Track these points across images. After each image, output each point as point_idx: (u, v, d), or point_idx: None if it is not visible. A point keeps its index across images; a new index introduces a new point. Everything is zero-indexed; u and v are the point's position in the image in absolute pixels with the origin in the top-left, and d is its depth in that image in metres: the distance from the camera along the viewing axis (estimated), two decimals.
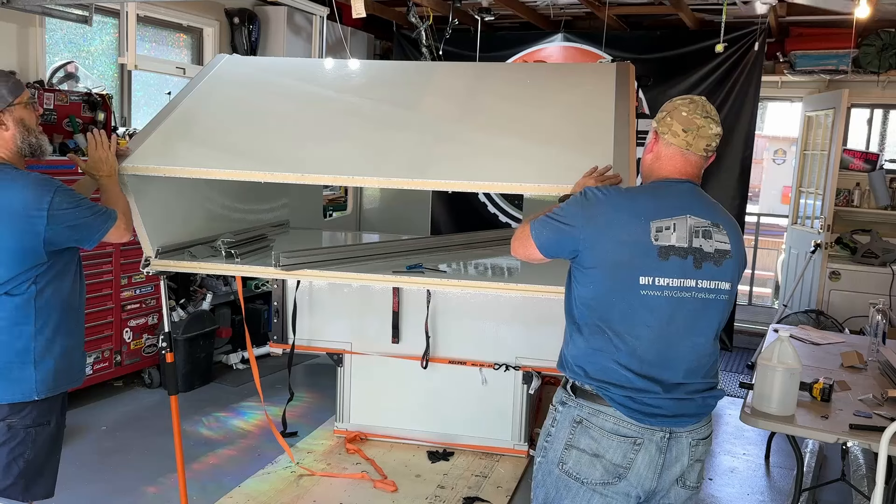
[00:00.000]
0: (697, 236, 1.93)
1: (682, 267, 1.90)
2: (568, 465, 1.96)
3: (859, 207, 6.37)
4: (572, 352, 2.01)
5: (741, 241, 2.02)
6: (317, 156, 2.73)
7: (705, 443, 2.02)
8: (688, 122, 1.96)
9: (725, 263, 1.94)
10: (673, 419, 1.93)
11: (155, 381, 4.93)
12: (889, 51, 5.94)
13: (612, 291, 1.92)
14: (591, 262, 1.93)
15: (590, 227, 1.93)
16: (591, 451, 1.94)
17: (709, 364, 1.99)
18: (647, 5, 5.86)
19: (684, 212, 1.94)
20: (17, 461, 2.30)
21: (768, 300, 8.13)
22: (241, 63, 3.47)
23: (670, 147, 1.99)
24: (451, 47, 6.17)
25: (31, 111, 2.29)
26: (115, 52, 5.16)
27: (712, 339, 1.98)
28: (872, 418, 2.80)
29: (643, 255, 1.89)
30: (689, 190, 2.00)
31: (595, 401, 1.94)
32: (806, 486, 3.53)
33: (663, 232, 1.90)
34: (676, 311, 1.91)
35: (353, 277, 2.86)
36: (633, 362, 1.91)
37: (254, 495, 3.52)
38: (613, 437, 1.92)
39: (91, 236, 2.29)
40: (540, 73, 3.59)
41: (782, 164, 10.33)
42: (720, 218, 1.99)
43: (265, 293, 5.74)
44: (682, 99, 2.01)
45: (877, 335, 3.62)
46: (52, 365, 2.31)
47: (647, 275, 1.89)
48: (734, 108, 5.91)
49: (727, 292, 1.97)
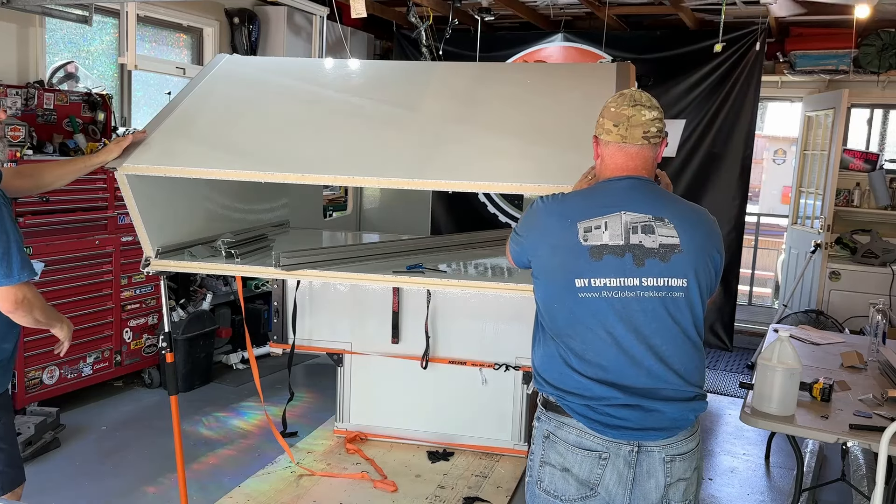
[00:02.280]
0: (635, 232, 1.84)
1: (620, 266, 1.82)
2: (545, 484, 1.92)
3: (859, 207, 6.37)
4: (535, 362, 2.00)
5: (701, 233, 1.89)
6: (317, 156, 2.73)
7: (686, 459, 1.88)
8: (616, 116, 1.90)
9: (675, 259, 1.83)
10: (640, 432, 1.83)
11: (155, 381, 4.93)
12: (889, 51, 5.94)
13: (553, 297, 1.90)
14: (536, 270, 1.94)
15: (533, 237, 1.94)
16: (560, 467, 1.89)
17: (681, 370, 1.86)
18: (647, 5, 5.86)
19: (618, 209, 1.86)
20: None
21: (768, 300, 8.13)
22: (241, 63, 3.47)
23: (609, 146, 1.93)
24: (451, 47, 6.17)
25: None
26: (115, 52, 5.16)
27: (677, 343, 1.86)
28: (872, 418, 2.80)
29: (575, 257, 1.84)
30: (630, 186, 1.90)
31: (559, 413, 1.90)
32: (806, 486, 3.53)
33: (592, 232, 1.84)
34: (623, 313, 1.83)
35: (353, 277, 2.86)
36: (585, 367, 1.85)
37: (254, 495, 3.51)
38: (578, 450, 1.86)
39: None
40: (540, 73, 3.58)
41: (782, 164, 10.33)
42: (667, 212, 1.87)
43: (265, 293, 5.74)
44: (613, 97, 1.96)
45: (877, 335, 3.62)
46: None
47: (581, 277, 1.83)
48: (734, 108, 5.91)
49: (682, 289, 1.84)
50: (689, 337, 1.88)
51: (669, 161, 6.08)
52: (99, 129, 4.68)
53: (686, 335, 1.87)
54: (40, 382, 4.23)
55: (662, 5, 5.69)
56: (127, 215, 3.38)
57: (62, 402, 4.34)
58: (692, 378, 1.89)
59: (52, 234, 4.26)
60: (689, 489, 1.91)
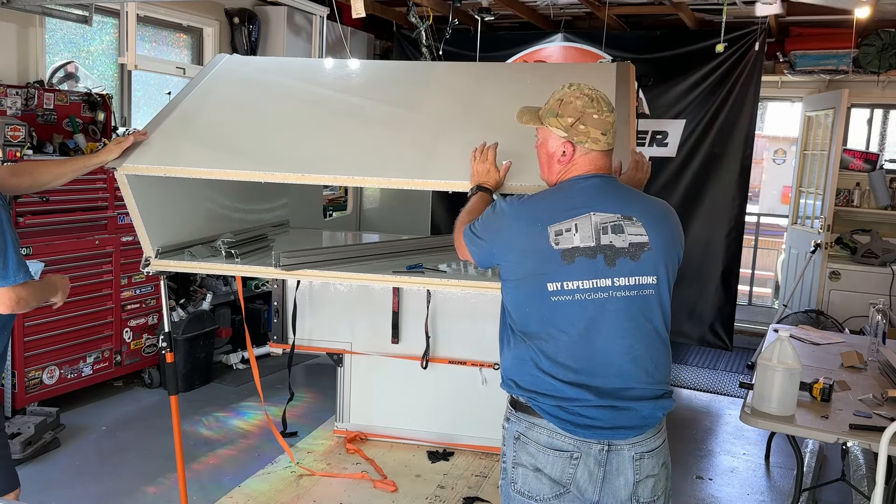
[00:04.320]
0: (606, 233, 1.84)
1: (593, 267, 1.82)
2: (518, 485, 1.92)
3: (859, 207, 6.37)
4: (503, 364, 1.98)
5: (667, 229, 1.91)
6: (317, 156, 2.73)
7: (654, 455, 1.90)
8: (603, 124, 1.90)
9: (644, 257, 1.84)
10: (610, 431, 1.84)
11: (155, 381, 4.93)
12: (889, 51, 5.94)
13: (525, 302, 1.89)
14: (505, 274, 1.93)
15: (499, 241, 1.93)
16: (532, 467, 1.89)
17: (651, 369, 1.87)
18: (647, 5, 5.86)
19: (587, 209, 1.85)
20: None
21: (768, 300, 8.13)
22: (241, 63, 3.46)
23: (591, 153, 1.92)
24: (451, 47, 6.17)
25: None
26: (115, 52, 5.16)
27: (649, 341, 1.87)
28: (872, 418, 2.80)
29: (546, 261, 1.83)
30: (596, 185, 1.91)
31: (529, 413, 1.89)
32: (806, 486, 3.53)
33: (563, 235, 1.83)
34: (596, 314, 1.83)
35: (353, 277, 2.86)
36: (557, 370, 1.85)
37: (254, 495, 3.51)
38: (549, 451, 1.86)
39: None
40: (540, 73, 3.58)
41: (782, 164, 10.33)
42: (634, 209, 1.88)
43: (265, 293, 5.74)
44: (580, 100, 1.91)
45: (877, 335, 3.62)
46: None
47: (554, 281, 1.83)
48: (734, 108, 5.91)
49: (653, 286, 1.86)
50: (660, 334, 1.90)
51: (669, 161, 6.08)
52: (99, 129, 4.68)
53: (657, 332, 1.89)
54: (40, 382, 4.23)
55: (662, 5, 5.69)
56: (127, 215, 3.38)
57: (62, 402, 4.34)
58: (661, 376, 1.91)
59: (52, 234, 4.27)
60: (658, 485, 1.92)
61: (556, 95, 1.97)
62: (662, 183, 6.12)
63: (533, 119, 2.03)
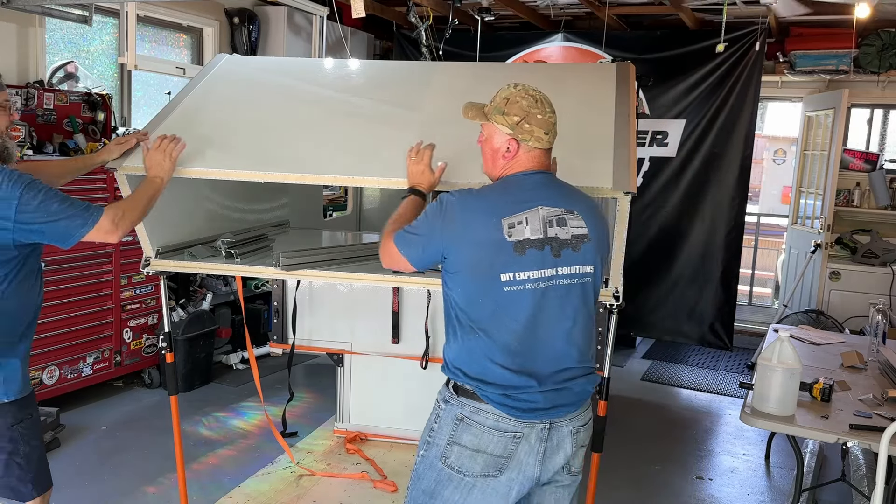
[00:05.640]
0: (552, 225, 1.96)
1: (541, 258, 1.94)
2: (450, 460, 2.00)
3: (859, 207, 6.37)
4: (450, 354, 2.04)
5: (600, 222, 2.06)
6: (317, 156, 2.73)
7: (587, 428, 2.07)
8: (546, 124, 2.00)
9: (584, 247, 1.99)
10: (551, 411, 1.97)
11: (155, 381, 4.93)
12: (889, 51, 5.94)
13: (477, 293, 1.95)
14: (454, 266, 1.97)
15: (448, 233, 1.97)
16: (472, 447, 1.97)
17: (582, 348, 2.02)
18: (647, 5, 5.86)
19: (535, 203, 1.97)
20: (14, 458, 2.28)
21: (768, 300, 8.13)
22: (241, 63, 3.46)
23: (533, 150, 2.02)
24: (451, 47, 6.17)
25: (4, 113, 2.24)
26: (115, 52, 5.16)
27: (583, 323, 2.02)
28: (872, 418, 2.80)
29: (500, 252, 1.92)
30: (540, 181, 2.02)
31: (475, 399, 1.97)
32: (806, 486, 3.53)
33: (516, 227, 1.93)
34: (542, 302, 1.95)
35: (353, 277, 2.86)
36: (506, 359, 1.94)
37: (254, 495, 3.52)
38: (494, 432, 1.95)
39: (62, 238, 2.19)
40: (540, 73, 3.58)
41: (782, 164, 10.33)
42: (575, 204, 2.02)
43: (265, 293, 5.74)
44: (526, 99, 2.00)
45: (877, 335, 3.62)
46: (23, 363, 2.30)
47: (507, 271, 1.92)
48: (734, 108, 5.91)
49: (590, 275, 2.01)
50: (591, 316, 2.06)
51: (669, 161, 6.08)
52: (99, 130, 4.68)
53: (590, 316, 2.05)
54: (40, 382, 4.23)
55: (663, 5, 5.69)
56: None
57: (62, 402, 4.34)
58: (589, 353, 2.07)
59: None
60: (584, 457, 2.10)
61: (502, 94, 2.05)
62: (662, 183, 6.12)
63: (479, 115, 2.10)
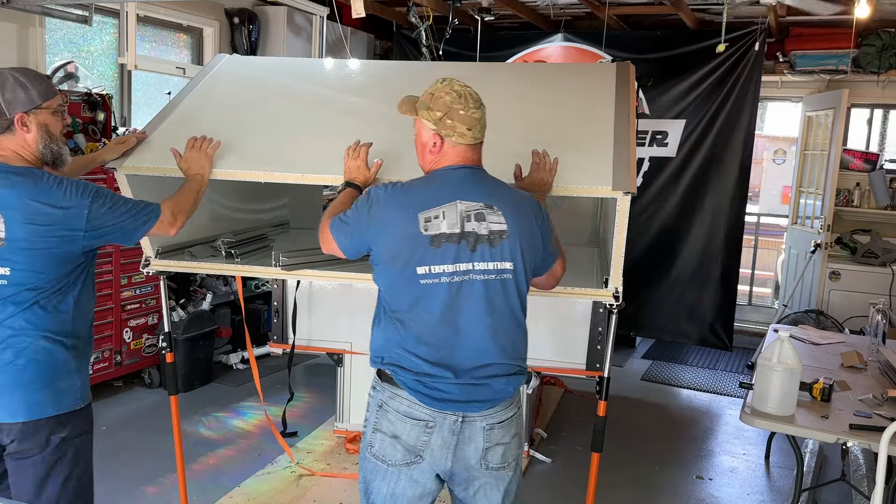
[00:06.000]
0: (469, 220, 1.98)
1: (457, 252, 1.97)
2: (375, 448, 2.06)
3: (859, 207, 6.37)
4: (372, 343, 2.11)
5: (525, 219, 2.04)
6: (317, 156, 2.73)
7: (504, 426, 2.06)
8: (469, 120, 2.03)
9: (502, 244, 1.99)
10: (465, 404, 2.00)
11: (155, 381, 4.93)
12: (889, 51, 5.94)
13: (396, 284, 2.02)
14: (377, 258, 2.04)
15: (373, 226, 2.03)
16: (390, 434, 2.03)
17: (505, 346, 2.03)
18: (647, 5, 5.86)
19: (454, 198, 2.00)
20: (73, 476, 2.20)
21: (768, 300, 8.13)
22: (241, 63, 3.46)
23: (458, 146, 2.05)
24: (451, 47, 6.17)
25: (58, 119, 2.23)
26: (115, 52, 5.16)
27: (504, 320, 2.02)
28: (872, 418, 2.80)
29: (417, 246, 1.97)
30: (465, 176, 2.05)
31: (392, 384, 2.03)
32: (806, 486, 3.53)
33: (432, 221, 1.97)
34: (458, 296, 1.98)
35: (353, 277, 2.86)
36: (420, 349, 1.99)
37: (254, 495, 3.52)
38: (407, 419, 2.00)
39: (130, 237, 2.26)
40: (540, 73, 3.58)
41: (782, 164, 10.33)
42: (496, 199, 2.03)
43: (265, 293, 5.74)
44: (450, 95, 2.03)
45: (877, 335, 3.62)
46: (87, 371, 2.27)
47: (423, 265, 1.97)
48: (734, 108, 5.91)
49: (511, 271, 2.01)
50: (516, 316, 2.06)
51: (669, 161, 6.08)
52: (99, 129, 4.68)
53: (513, 314, 2.05)
54: None
55: (663, 5, 5.69)
56: None
57: None
58: (516, 354, 2.08)
59: None
60: (508, 453, 2.09)
61: (429, 89, 2.09)
62: (662, 183, 6.12)
63: (410, 110, 2.14)
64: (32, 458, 2.12)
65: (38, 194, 2.08)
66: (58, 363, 2.15)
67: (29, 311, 2.10)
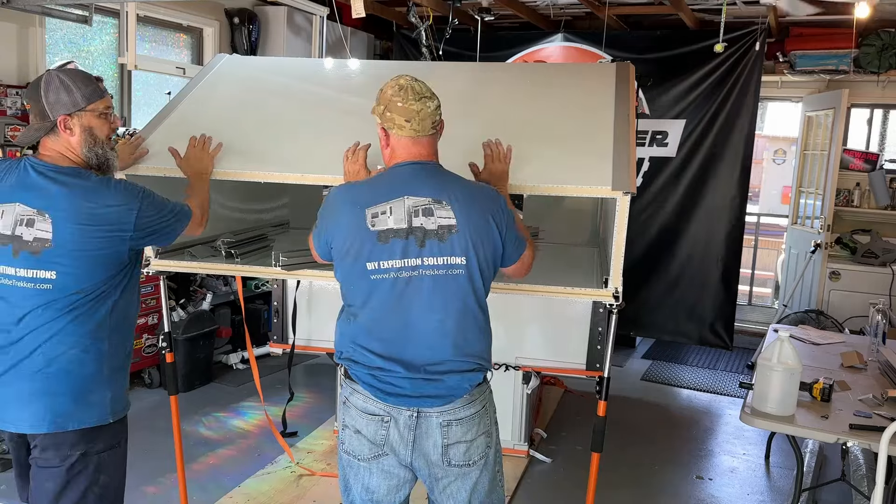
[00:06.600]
0: (417, 216, 1.99)
1: (405, 248, 1.97)
2: (346, 445, 2.09)
3: (859, 207, 6.37)
4: (334, 337, 2.14)
5: (476, 214, 2.02)
6: (317, 156, 2.73)
7: (463, 423, 2.04)
8: (406, 112, 2.03)
9: (451, 239, 1.99)
10: (417, 399, 2.01)
11: (155, 381, 4.93)
12: (889, 51, 5.94)
13: (350, 279, 2.05)
14: (334, 254, 2.08)
15: (330, 224, 2.08)
16: (353, 429, 2.06)
17: (458, 342, 2.02)
18: (647, 5, 5.86)
19: (402, 194, 2.00)
20: (93, 489, 2.14)
21: (768, 300, 8.13)
22: (241, 63, 3.46)
23: (401, 139, 2.06)
24: (451, 47, 6.16)
25: (104, 122, 2.15)
26: (115, 52, 5.16)
27: (458, 316, 2.02)
28: (872, 418, 2.80)
29: (365, 241, 1.99)
30: (413, 171, 2.05)
31: (352, 380, 2.07)
32: (806, 486, 3.53)
33: (379, 217, 1.99)
34: (407, 291, 1.98)
35: None
36: (372, 343, 2.01)
37: (254, 495, 3.52)
38: (365, 415, 2.04)
39: (169, 238, 2.27)
40: (540, 73, 3.58)
41: (782, 164, 10.33)
42: (446, 194, 2.02)
43: (265, 293, 5.74)
44: (392, 89, 2.05)
45: (877, 335, 3.62)
46: (123, 382, 2.22)
47: (372, 260, 1.99)
48: (734, 108, 5.91)
49: (462, 266, 2.00)
50: (471, 311, 2.05)
51: (669, 161, 6.08)
52: None
53: (468, 309, 2.04)
54: None
55: (663, 5, 5.69)
56: None
57: None
58: (472, 350, 2.06)
59: None
60: (473, 451, 2.07)
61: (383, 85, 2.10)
62: (662, 183, 6.12)
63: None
64: (51, 469, 2.08)
65: (87, 193, 2.04)
66: (88, 375, 2.08)
67: (68, 316, 2.04)
